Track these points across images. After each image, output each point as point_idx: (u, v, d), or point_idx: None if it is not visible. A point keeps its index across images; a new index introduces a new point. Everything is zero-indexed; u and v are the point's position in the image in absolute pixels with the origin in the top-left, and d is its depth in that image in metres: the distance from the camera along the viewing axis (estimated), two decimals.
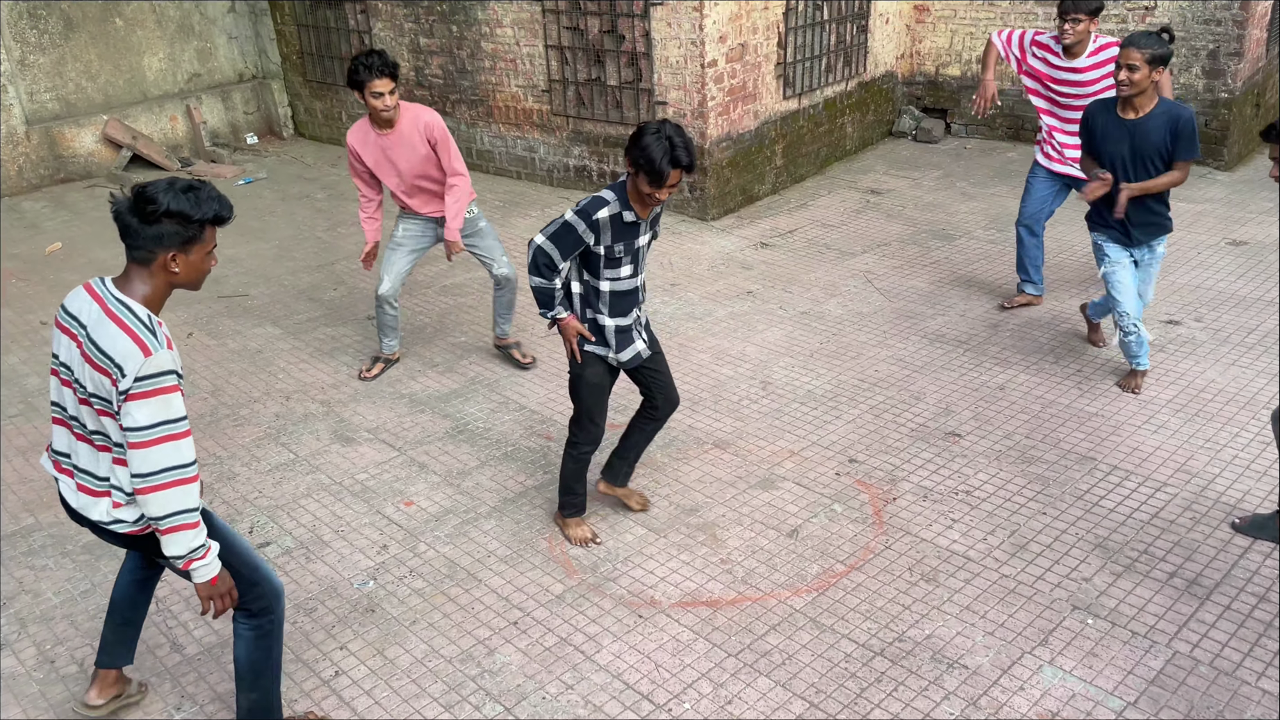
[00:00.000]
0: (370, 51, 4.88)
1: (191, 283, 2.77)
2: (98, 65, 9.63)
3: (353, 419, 5.22)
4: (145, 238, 2.62)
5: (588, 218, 3.62)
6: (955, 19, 9.45)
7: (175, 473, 2.64)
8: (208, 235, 2.69)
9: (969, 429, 4.90)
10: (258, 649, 3.09)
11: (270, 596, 3.06)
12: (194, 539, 2.72)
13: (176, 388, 2.64)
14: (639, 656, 3.56)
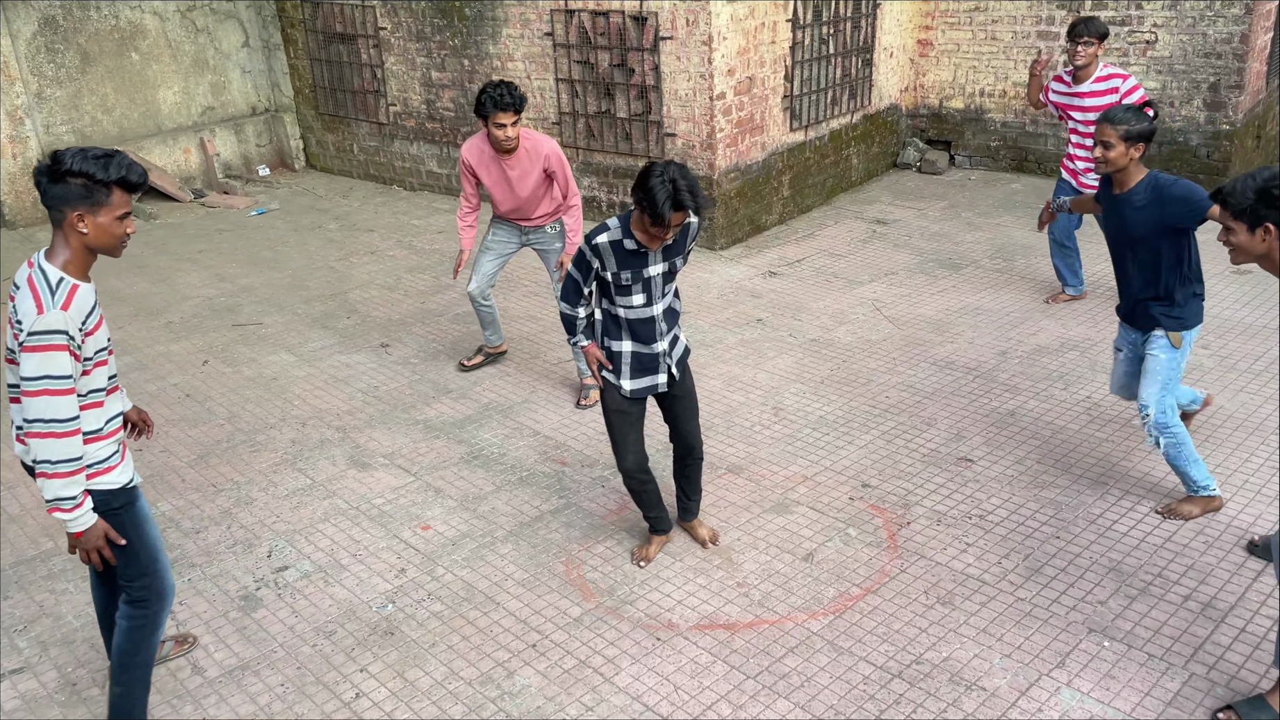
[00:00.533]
0: (500, 84, 5.07)
1: (105, 246, 2.88)
2: (113, 98, 9.78)
3: (369, 445, 5.27)
4: (53, 195, 2.79)
5: (589, 243, 3.72)
6: (958, 53, 9.59)
7: (50, 425, 2.81)
8: (116, 199, 2.82)
9: (981, 454, 4.93)
10: (128, 641, 3.19)
11: (152, 592, 3.17)
12: (59, 489, 2.85)
13: (63, 347, 2.78)
14: (658, 679, 3.57)
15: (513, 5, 8.39)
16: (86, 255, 2.88)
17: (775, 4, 7.80)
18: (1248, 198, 3.01)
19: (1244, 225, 3.06)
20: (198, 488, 4.92)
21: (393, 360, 6.27)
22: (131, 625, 3.18)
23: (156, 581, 3.17)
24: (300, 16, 10.20)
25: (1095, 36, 5.78)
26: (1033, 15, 9.03)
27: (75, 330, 2.81)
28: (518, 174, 5.32)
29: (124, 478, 3.07)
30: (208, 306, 7.28)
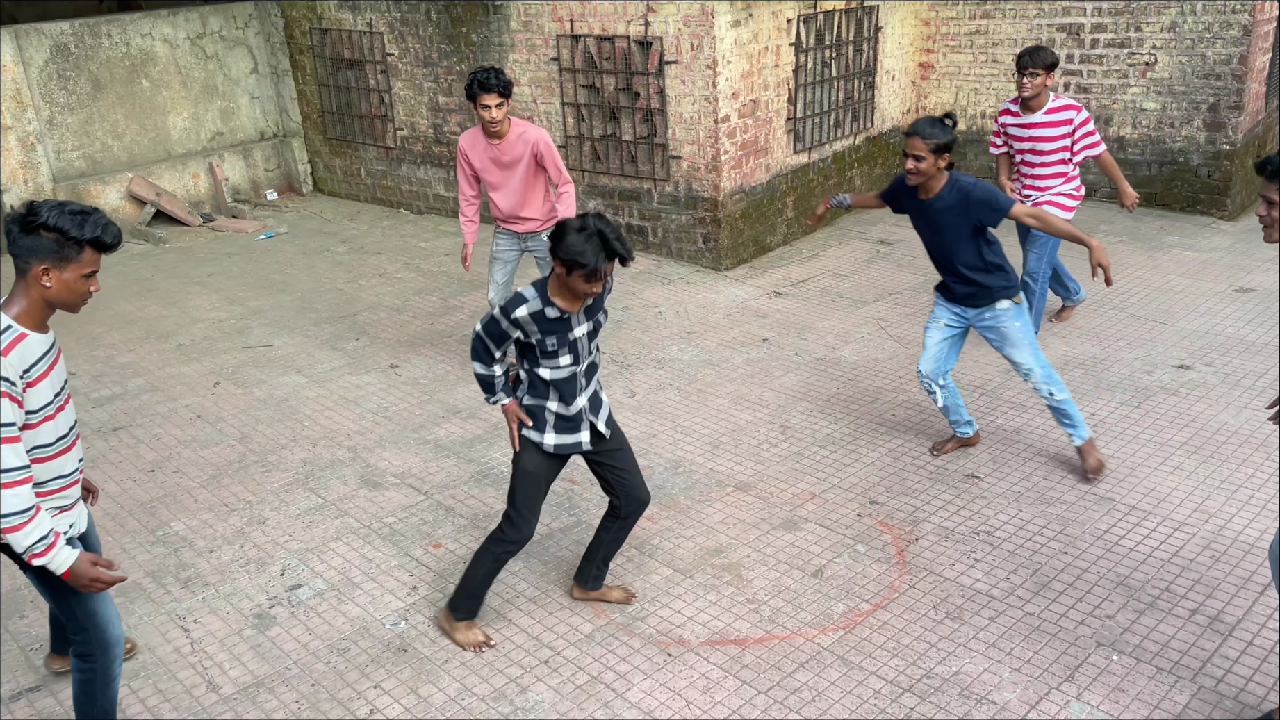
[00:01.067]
0: (487, 68, 5.35)
1: (66, 303, 2.83)
2: (124, 124, 9.90)
3: (379, 464, 5.31)
4: (22, 246, 2.73)
5: (507, 316, 3.47)
6: (960, 75, 9.69)
7: (7, 475, 2.70)
8: (87, 257, 2.77)
9: (987, 471, 4.97)
10: (82, 692, 3.17)
11: (95, 645, 3.08)
12: (26, 538, 2.76)
13: (3, 394, 2.69)
14: (670, 694, 3.60)
15: (519, 31, 8.51)
16: (44, 308, 2.82)
17: (778, 28, 7.91)
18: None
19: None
20: (210, 508, 4.96)
21: (402, 381, 6.33)
22: (82, 678, 3.14)
23: (97, 635, 3.08)
24: (309, 43, 10.33)
25: (1042, 68, 5.67)
26: (1033, 38, 9.13)
27: (16, 377, 2.73)
28: (509, 159, 5.56)
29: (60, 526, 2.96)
30: (218, 329, 7.35)
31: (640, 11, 7.64)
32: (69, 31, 9.46)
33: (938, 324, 4.89)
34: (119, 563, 4.51)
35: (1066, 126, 5.78)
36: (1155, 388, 5.72)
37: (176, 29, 10.13)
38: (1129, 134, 8.87)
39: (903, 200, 4.77)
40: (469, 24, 8.87)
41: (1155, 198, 8.90)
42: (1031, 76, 5.70)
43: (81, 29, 9.53)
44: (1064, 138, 5.80)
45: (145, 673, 3.82)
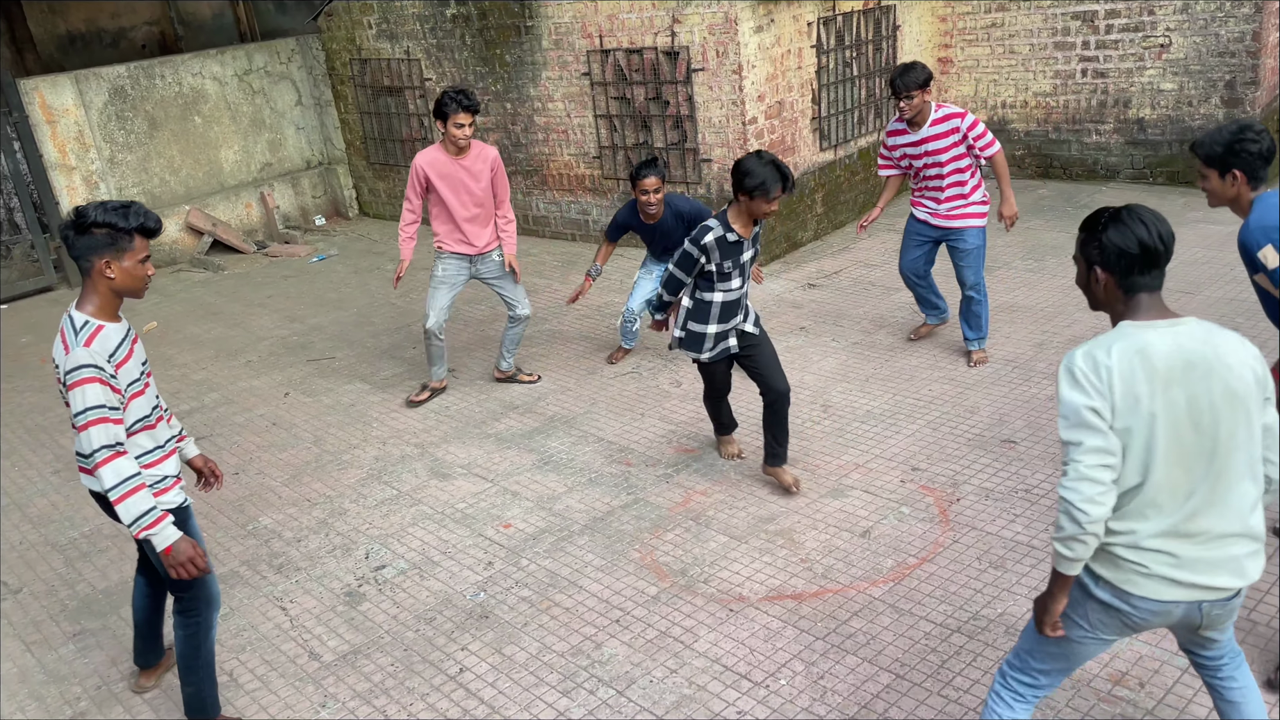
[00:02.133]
0: (458, 89, 5.70)
1: (130, 289, 3.19)
2: (179, 160, 10.41)
3: (446, 457, 5.65)
4: (81, 247, 3.09)
5: (697, 244, 4.48)
6: (978, 68, 9.95)
7: (106, 450, 3.07)
8: (138, 244, 3.13)
9: (1023, 436, 5.22)
10: (187, 646, 3.51)
11: (200, 600, 3.46)
12: (133, 507, 3.10)
13: (94, 379, 3.06)
14: (734, 644, 3.89)
15: (550, 50, 8.90)
16: (113, 299, 3.18)
17: (799, 31, 8.22)
18: (1219, 147, 3.48)
19: (1215, 173, 3.52)
20: (294, 503, 5.33)
21: (459, 383, 6.68)
22: (186, 633, 3.50)
23: (203, 590, 3.46)
24: (349, 74, 10.80)
25: (916, 89, 5.56)
26: (1049, 28, 9.38)
27: (102, 362, 3.09)
28: (473, 173, 5.87)
29: (179, 499, 3.38)
30: (282, 345, 7.76)
31: (666, 23, 8.00)
32: (125, 74, 9.99)
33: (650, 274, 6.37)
34: (215, 554, 4.88)
35: (955, 135, 5.65)
36: None
37: (225, 67, 10.65)
38: (1148, 115, 9.07)
39: (635, 224, 6.05)
40: (502, 46, 9.28)
41: (1178, 175, 9.08)
42: (907, 100, 5.61)
43: (136, 71, 10.06)
44: (957, 145, 5.68)
45: (251, 647, 4.17)
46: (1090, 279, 2.56)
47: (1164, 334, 2.41)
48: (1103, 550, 2.50)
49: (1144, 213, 2.47)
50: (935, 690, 3.55)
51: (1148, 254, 2.44)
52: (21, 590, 4.76)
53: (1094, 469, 2.36)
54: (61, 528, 5.31)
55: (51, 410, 6.91)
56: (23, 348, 8.36)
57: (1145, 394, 2.37)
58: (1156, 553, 2.44)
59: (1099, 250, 2.49)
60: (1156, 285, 2.48)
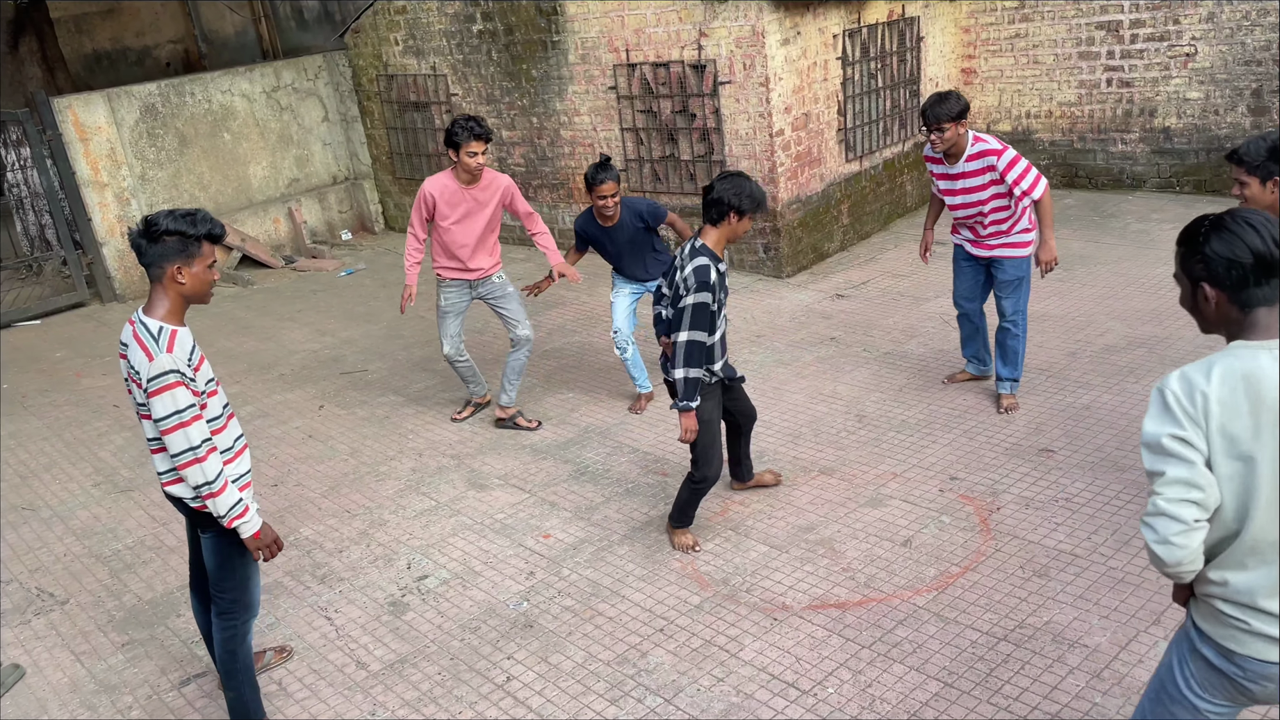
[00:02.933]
0: (469, 118, 5.61)
1: (199, 294, 3.28)
2: (209, 176, 10.53)
3: (483, 469, 5.69)
4: (152, 254, 3.18)
5: (706, 286, 4.11)
6: (1002, 79, 9.97)
7: (194, 452, 3.20)
8: (205, 250, 3.23)
9: (1060, 445, 5.21)
10: (225, 651, 3.59)
11: (240, 605, 3.55)
12: (225, 502, 3.27)
13: (179, 383, 3.17)
14: (780, 652, 3.90)
15: (577, 64, 8.97)
16: (182, 304, 3.27)
17: (825, 44, 8.27)
18: (1260, 155, 3.54)
19: (1256, 179, 3.56)
20: (334, 514, 5.37)
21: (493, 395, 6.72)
22: (224, 636, 3.58)
23: (244, 595, 3.56)
24: (376, 90, 10.91)
25: (949, 121, 5.10)
26: (1073, 38, 9.40)
27: (184, 366, 3.20)
28: (481, 202, 5.79)
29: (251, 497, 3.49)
30: (314, 358, 7.83)
31: (693, 37, 8.05)
32: (156, 92, 10.12)
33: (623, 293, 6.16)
34: (260, 565, 4.91)
35: (992, 173, 5.20)
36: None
37: (253, 84, 10.77)
38: (1174, 124, 9.07)
39: (590, 230, 6.03)
40: (529, 61, 9.36)
41: (1205, 184, 9.07)
42: (939, 133, 5.15)
43: (167, 89, 10.19)
44: (995, 184, 5.24)
45: (299, 657, 4.20)
46: (1198, 298, 2.26)
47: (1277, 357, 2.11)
48: (1204, 602, 2.27)
49: (1252, 215, 2.20)
50: (984, 699, 3.55)
51: (1262, 262, 2.16)
52: (69, 601, 4.81)
53: (1174, 504, 2.10)
54: (105, 540, 5.36)
55: (89, 424, 6.99)
56: (58, 362, 8.45)
57: (1248, 427, 2.10)
58: (1257, 611, 2.20)
59: (1204, 264, 2.21)
60: (1276, 299, 2.19)
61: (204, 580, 3.71)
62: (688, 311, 4.12)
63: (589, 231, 6.06)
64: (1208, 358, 2.21)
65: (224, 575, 3.53)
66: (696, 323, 4.13)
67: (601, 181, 5.75)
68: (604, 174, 5.75)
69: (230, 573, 3.53)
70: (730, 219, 4.21)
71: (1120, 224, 8.72)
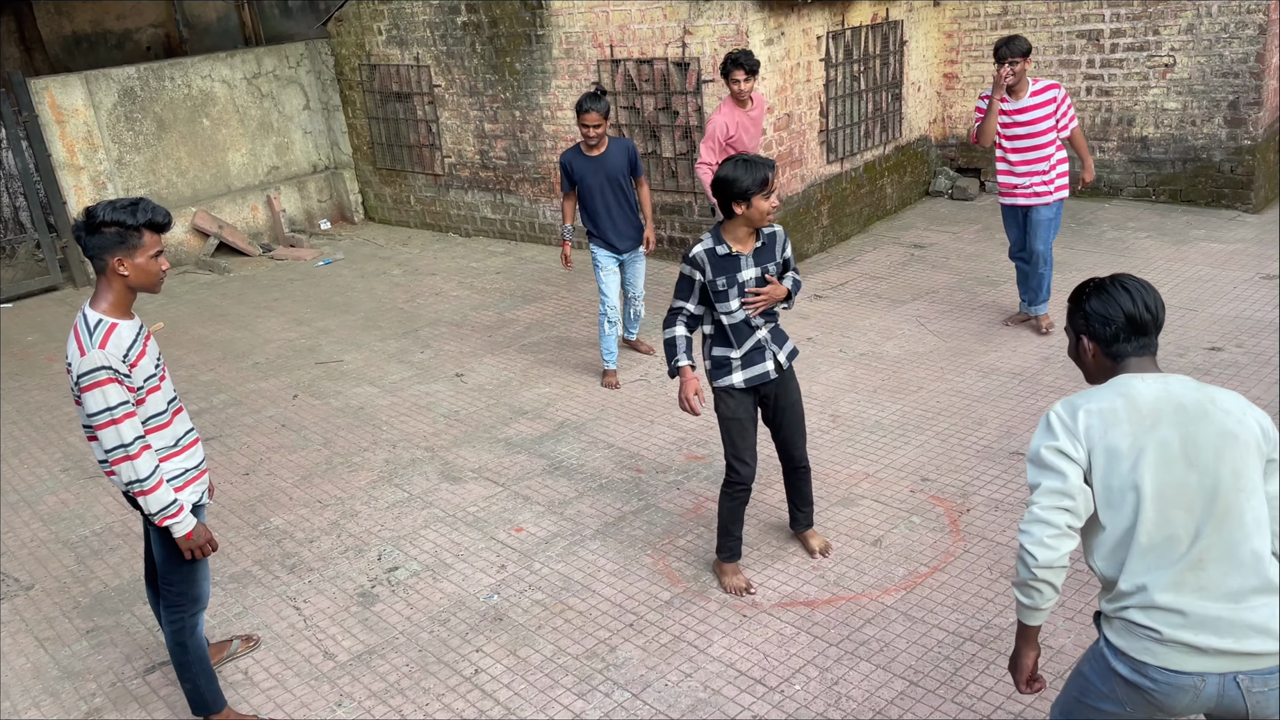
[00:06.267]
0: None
1: (145, 284, 3.21)
2: (187, 162, 10.44)
3: (457, 461, 5.68)
4: (93, 246, 3.12)
5: (686, 258, 4.04)
6: (984, 85, 10.02)
7: (125, 449, 3.13)
8: (148, 240, 3.15)
9: None
10: (174, 644, 3.56)
11: (187, 598, 3.49)
12: (157, 501, 3.20)
13: (110, 380, 3.09)
14: (748, 649, 3.92)
15: (561, 59, 8.95)
16: (128, 295, 3.21)
17: (809, 45, 8.29)
18: None
19: None
20: (305, 504, 5.34)
21: (469, 388, 6.71)
22: (172, 629, 3.53)
23: (191, 589, 3.50)
24: (358, 79, 10.85)
25: (1020, 55, 6.09)
26: (1054, 45, 9.46)
27: (117, 363, 3.11)
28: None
29: (194, 497, 3.41)
30: (289, 348, 7.78)
31: (678, 34, 8.06)
32: (135, 76, 10.02)
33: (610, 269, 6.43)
34: (227, 554, 4.90)
35: (1052, 105, 6.19)
36: (1189, 368, 5.99)
37: (234, 70, 10.69)
38: (1152, 133, 9.16)
39: (575, 163, 6.26)
40: (513, 54, 9.34)
41: (1180, 194, 9.17)
42: (1012, 65, 6.09)
43: (146, 73, 10.10)
44: (1051, 116, 6.21)
45: (266, 646, 4.18)
46: (1079, 349, 2.52)
47: (1152, 382, 2.36)
48: (1116, 618, 2.35)
49: (1129, 281, 2.45)
50: (949, 698, 3.58)
51: (1133, 323, 2.41)
52: (34, 587, 4.77)
53: (1048, 510, 2.30)
54: (72, 525, 5.31)
55: (59, 409, 6.92)
56: (29, 346, 8.36)
57: (1128, 433, 2.29)
58: (1166, 611, 2.25)
59: (1084, 320, 2.47)
60: (1147, 352, 2.44)
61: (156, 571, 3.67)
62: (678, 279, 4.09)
63: (574, 164, 6.30)
64: (1091, 388, 2.44)
65: (170, 568, 3.45)
66: (676, 291, 4.07)
67: (588, 110, 6.05)
68: (593, 104, 6.05)
69: (176, 566, 3.44)
70: (737, 211, 3.88)
71: (1096, 231, 8.80)
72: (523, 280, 8.95)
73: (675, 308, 4.09)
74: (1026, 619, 2.45)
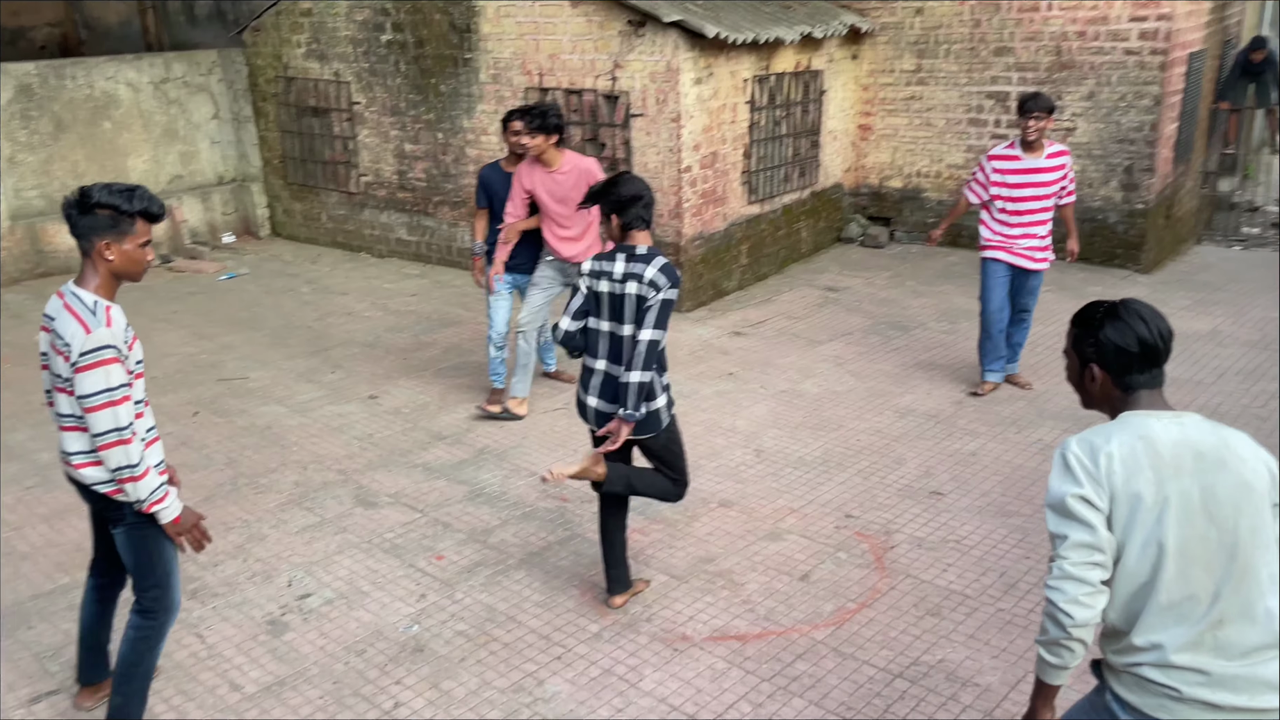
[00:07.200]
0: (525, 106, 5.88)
1: (129, 272, 3.15)
2: (84, 165, 9.93)
3: (372, 485, 5.46)
4: (82, 226, 3.06)
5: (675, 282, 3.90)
6: (896, 137, 10.36)
7: (120, 433, 3.06)
8: (139, 228, 3.10)
9: (950, 489, 5.36)
10: (134, 650, 3.41)
11: (161, 605, 3.40)
12: (148, 485, 3.12)
13: (115, 359, 3.04)
14: (680, 683, 3.84)
15: (488, 83, 8.88)
16: (113, 281, 3.14)
17: (735, 87, 8.42)
18: None
19: None
20: (209, 526, 5.02)
21: (383, 410, 6.49)
22: (138, 635, 3.38)
23: (166, 595, 3.39)
24: (273, 91, 10.54)
25: (1044, 111, 6.08)
26: (963, 104, 9.85)
27: (120, 344, 3.08)
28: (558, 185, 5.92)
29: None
30: (190, 363, 7.41)
31: (608, 67, 8.08)
32: (34, 72, 9.51)
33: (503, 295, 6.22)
34: None
35: (1062, 170, 6.24)
36: (1095, 416, 6.19)
37: (140, 73, 10.26)
38: None
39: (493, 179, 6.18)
40: (439, 75, 9.21)
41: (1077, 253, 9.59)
42: (1037, 120, 6.08)
43: (46, 70, 9.60)
44: (1059, 181, 6.25)
45: (165, 675, 3.90)
46: (1085, 377, 2.41)
47: (1169, 423, 2.25)
48: (1127, 673, 2.28)
49: (1142, 308, 2.35)
50: None
51: (1148, 351, 2.32)
52: None
53: (1080, 566, 2.18)
54: None
55: None
56: None
57: (1151, 481, 2.19)
58: (1185, 671, 2.19)
59: (1095, 347, 2.35)
60: (1157, 383, 2.35)
61: (110, 571, 3.54)
62: (660, 308, 3.83)
63: (491, 179, 6.21)
64: (1103, 425, 2.30)
65: (144, 572, 3.34)
66: (664, 321, 3.86)
67: (513, 119, 6.01)
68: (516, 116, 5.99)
69: (151, 568, 3.34)
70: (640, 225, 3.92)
71: None
72: (439, 304, 8.76)
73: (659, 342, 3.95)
74: (1051, 678, 2.31)
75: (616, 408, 3.94)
